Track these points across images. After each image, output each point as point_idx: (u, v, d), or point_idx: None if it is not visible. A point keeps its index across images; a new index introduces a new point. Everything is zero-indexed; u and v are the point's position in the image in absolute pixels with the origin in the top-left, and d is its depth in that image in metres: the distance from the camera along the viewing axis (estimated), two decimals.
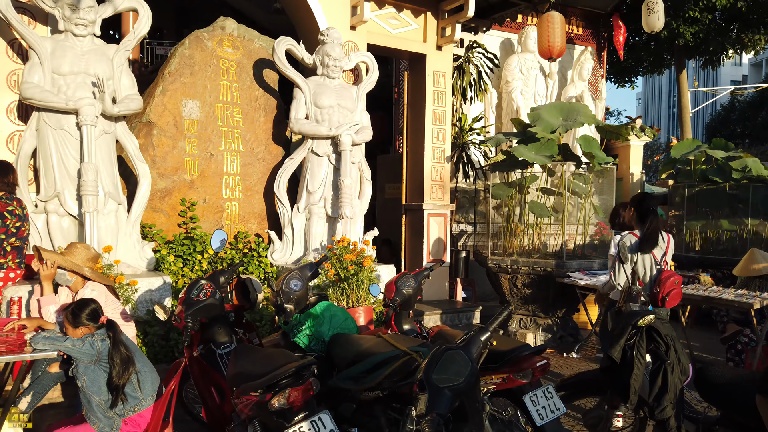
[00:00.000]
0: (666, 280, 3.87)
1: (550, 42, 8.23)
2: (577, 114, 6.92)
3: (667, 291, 3.85)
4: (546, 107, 7.15)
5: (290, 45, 6.00)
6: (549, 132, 6.66)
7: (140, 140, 5.64)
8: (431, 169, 7.38)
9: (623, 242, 3.79)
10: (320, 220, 5.95)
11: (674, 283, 3.88)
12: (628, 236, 4.07)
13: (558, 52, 8.34)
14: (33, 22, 5.11)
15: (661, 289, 3.87)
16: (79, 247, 3.81)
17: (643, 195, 4.14)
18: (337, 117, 5.96)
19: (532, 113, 6.99)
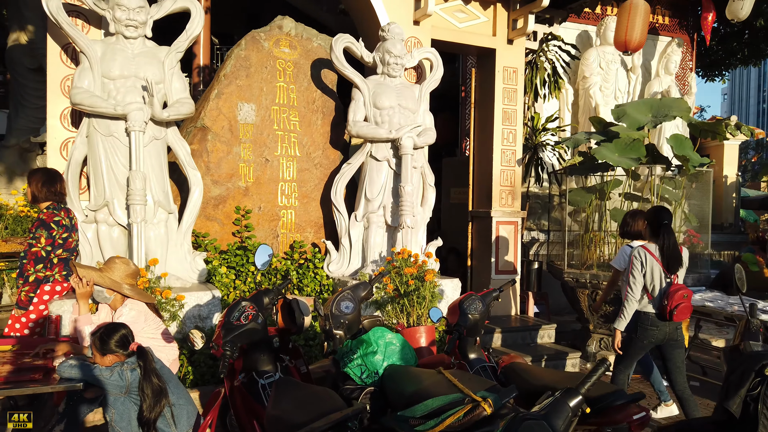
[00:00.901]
0: (674, 293, 3.87)
1: (627, 34, 7.45)
2: (668, 109, 6.17)
3: (675, 304, 3.87)
4: (632, 104, 6.44)
5: (349, 43, 5.63)
6: (635, 129, 5.96)
7: (194, 146, 5.43)
8: (500, 173, 6.82)
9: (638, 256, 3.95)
10: (379, 229, 5.54)
11: (683, 297, 3.87)
12: (639, 248, 4.03)
13: (635, 46, 7.54)
14: (87, 25, 4.98)
15: (669, 302, 3.88)
16: (118, 263, 3.57)
17: (657, 208, 4.08)
18: (398, 118, 5.53)
19: (617, 110, 6.30)
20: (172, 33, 4.98)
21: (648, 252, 3.99)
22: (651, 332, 4.00)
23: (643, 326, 4.03)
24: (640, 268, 4.00)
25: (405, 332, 4.82)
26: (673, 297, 3.89)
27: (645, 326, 4.02)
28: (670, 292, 3.91)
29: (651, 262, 3.99)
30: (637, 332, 4.06)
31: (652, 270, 3.99)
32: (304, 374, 3.35)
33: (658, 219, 4.00)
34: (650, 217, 4.08)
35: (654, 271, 3.99)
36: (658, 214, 4.02)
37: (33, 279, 3.93)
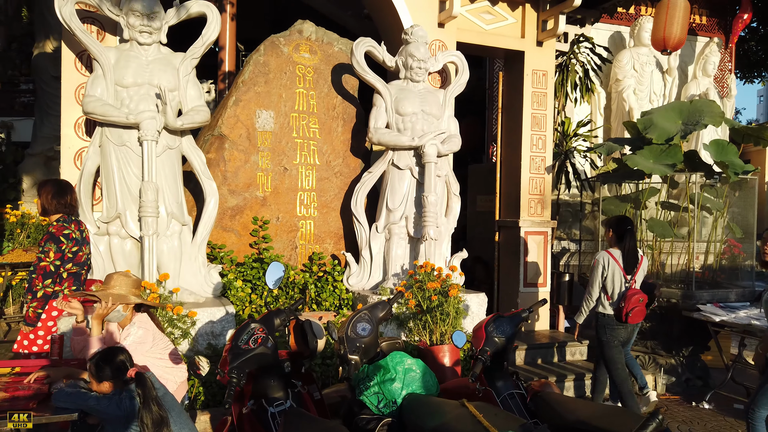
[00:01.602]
0: (631, 297, 4.23)
1: (666, 31, 7.06)
2: (699, 114, 5.78)
3: (631, 307, 4.22)
4: (660, 110, 6.07)
5: (370, 46, 5.42)
6: (664, 141, 5.60)
7: (211, 154, 5.28)
8: (529, 180, 6.51)
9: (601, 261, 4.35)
10: (401, 241, 5.30)
11: (638, 301, 4.22)
12: (605, 255, 4.39)
13: (675, 43, 7.14)
14: (102, 32, 4.87)
15: (626, 304, 4.23)
16: (116, 277, 3.38)
17: (620, 217, 4.49)
18: (421, 125, 5.29)
19: (643, 120, 5.94)
20: (191, 39, 4.85)
21: (611, 257, 4.36)
22: (618, 331, 4.38)
23: (610, 327, 4.38)
24: (601, 271, 4.37)
25: (428, 351, 4.57)
26: (630, 300, 4.23)
27: (612, 326, 4.38)
28: (628, 295, 4.24)
29: (613, 266, 4.35)
30: (606, 335, 4.40)
31: (613, 274, 4.34)
32: (317, 400, 3.13)
33: (623, 226, 4.36)
34: (614, 225, 4.43)
35: (615, 276, 4.34)
36: (622, 222, 4.40)
37: (41, 294, 3.80)
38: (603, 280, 4.37)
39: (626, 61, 8.18)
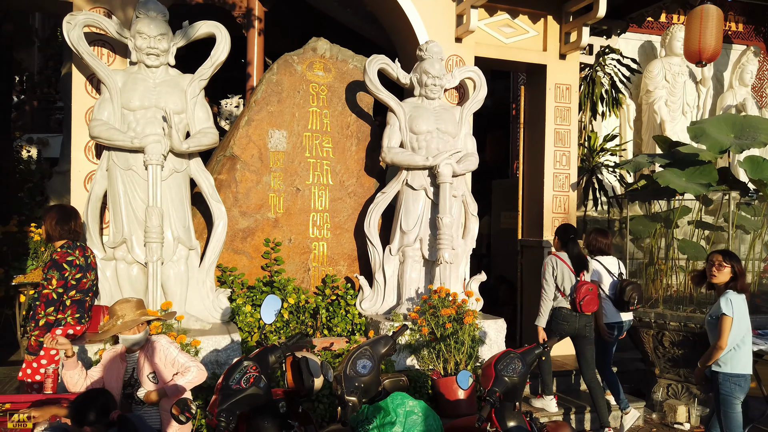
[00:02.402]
0: (581, 288, 4.73)
1: (702, 42, 6.72)
2: (754, 131, 5.45)
3: (582, 297, 4.69)
4: (712, 121, 5.74)
5: (384, 64, 5.28)
6: (717, 152, 5.29)
7: (223, 175, 5.20)
8: (552, 198, 6.25)
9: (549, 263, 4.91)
10: (416, 264, 5.11)
11: (588, 290, 4.70)
12: (552, 258, 4.96)
13: (711, 55, 6.79)
14: (113, 54, 4.86)
15: (577, 295, 4.72)
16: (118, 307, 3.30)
17: (565, 226, 5.14)
18: (436, 144, 5.11)
19: (694, 128, 5.63)
20: (194, 62, 4.81)
21: (559, 259, 4.91)
22: (562, 326, 4.82)
23: (556, 320, 4.85)
24: (552, 272, 4.87)
25: (441, 382, 4.37)
26: (580, 291, 4.72)
27: (558, 320, 4.84)
28: (577, 287, 4.74)
29: (561, 266, 4.87)
30: (552, 326, 4.86)
31: (562, 273, 4.85)
32: None
33: (567, 234, 4.97)
34: (560, 233, 5.03)
35: (564, 274, 4.85)
36: (567, 230, 5.01)
37: (43, 323, 3.74)
38: (555, 280, 4.87)
39: (657, 71, 7.87)
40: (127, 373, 3.34)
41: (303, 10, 10.44)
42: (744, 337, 3.73)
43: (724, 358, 3.73)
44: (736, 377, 3.71)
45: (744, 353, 3.74)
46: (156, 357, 3.27)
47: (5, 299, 6.28)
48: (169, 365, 3.27)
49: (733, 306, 3.67)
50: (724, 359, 3.74)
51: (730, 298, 3.69)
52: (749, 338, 3.78)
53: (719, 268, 3.77)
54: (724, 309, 3.67)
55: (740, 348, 3.72)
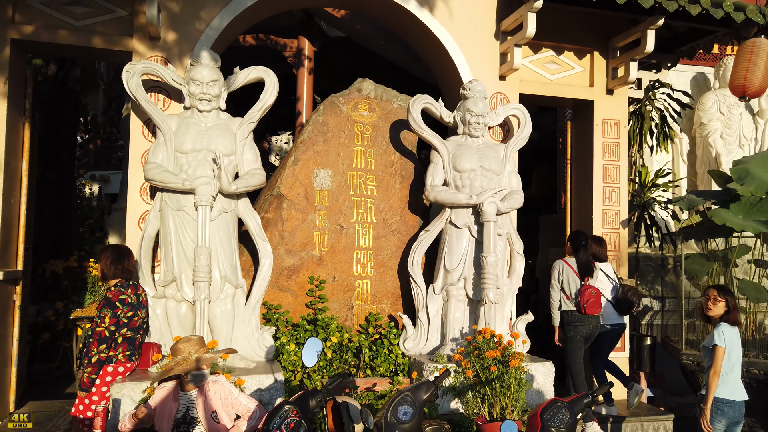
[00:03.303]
0: (584, 292, 5.16)
1: (747, 77, 6.44)
2: None
3: (585, 300, 5.12)
4: (756, 158, 5.51)
5: (427, 103, 5.33)
6: (763, 193, 5.06)
7: (270, 214, 5.32)
8: (602, 235, 6.08)
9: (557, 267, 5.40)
10: (460, 303, 5.04)
11: (591, 294, 5.13)
12: (560, 262, 5.41)
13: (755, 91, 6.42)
14: (168, 100, 5.10)
15: (581, 299, 5.15)
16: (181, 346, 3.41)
17: (576, 233, 5.57)
18: (480, 181, 5.09)
19: (737, 169, 5.42)
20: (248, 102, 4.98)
21: (566, 264, 5.36)
22: (579, 327, 5.20)
23: (572, 323, 5.24)
24: (557, 276, 5.35)
25: (486, 428, 4.25)
26: (583, 294, 5.14)
27: (573, 323, 5.23)
28: (582, 291, 5.18)
29: (567, 271, 5.33)
30: (569, 331, 5.25)
31: (568, 277, 5.31)
32: None
33: (578, 240, 5.37)
34: (572, 239, 5.47)
35: (570, 279, 5.30)
36: (578, 237, 5.43)
37: (96, 360, 3.88)
38: (560, 284, 5.31)
39: (711, 103, 7.64)
40: (179, 411, 3.40)
41: (351, 48, 10.72)
42: (733, 366, 4.02)
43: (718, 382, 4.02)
44: (718, 401, 3.98)
45: (730, 381, 4.01)
46: (217, 397, 3.37)
47: (63, 332, 6.55)
48: (229, 405, 3.39)
49: (725, 337, 3.97)
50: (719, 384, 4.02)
51: (723, 330, 3.99)
52: (738, 367, 4.07)
53: (714, 302, 4.06)
54: (717, 340, 3.97)
55: (728, 375, 4.00)
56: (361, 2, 6.11)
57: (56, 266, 7.18)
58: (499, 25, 5.88)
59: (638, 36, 5.73)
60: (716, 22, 5.39)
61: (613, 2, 5.14)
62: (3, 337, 4.82)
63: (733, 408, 3.99)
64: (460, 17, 5.82)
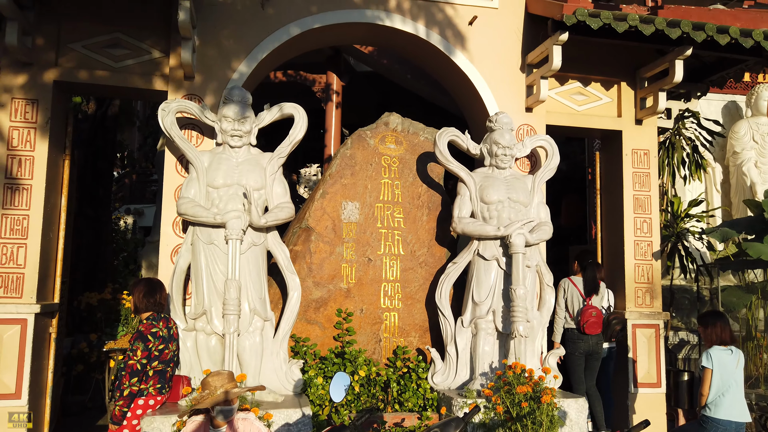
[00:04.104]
0: (585, 311, 5.49)
1: None
2: None
3: (585, 320, 5.45)
4: None
5: (453, 136, 5.37)
6: None
7: (298, 247, 5.38)
8: (634, 268, 5.97)
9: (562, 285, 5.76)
10: (489, 336, 4.98)
11: (591, 314, 5.45)
12: (566, 281, 5.80)
13: None
14: (201, 136, 5.25)
15: (581, 318, 5.48)
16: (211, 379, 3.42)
17: (584, 251, 6.11)
18: (507, 213, 5.07)
19: None
20: (280, 136, 5.10)
21: (572, 282, 5.74)
22: (578, 344, 5.55)
23: (572, 340, 5.57)
24: (562, 294, 5.71)
25: None
26: (584, 314, 5.48)
27: (573, 340, 5.57)
28: (583, 310, 5.50)
29: (572, 290, 5.70)
30: (569, 347, 5.51)
31: (572, 296, 5.68)
32: None
33: (585, 259, 5.79)
34: (579, 257, 5.91)
35: (574, 297, 5.67)
36: (585, 255, 5.91)
37: (127, 393, 3.92)
38: (564, 302, 5.65)
39: (744, 132, 7.51)
40: None
41: (378, 82, 10.89)
42: (730, 387, 4.18)
43: (710, 405, 4.23)
44: (715, 422, 4.19)
45: (728, 401, 4.18)
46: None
47: (96, 364, 6.66)
48: None
49: (713, 359, 4.23)
50: (710, 406, 4.23)
51: (710, 353, 4.27)
52: (735, 388, 4.21)
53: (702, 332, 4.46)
54: (704, 362, 4.27)
55: (724, 396, 4.18)
56: (387, 39, 6.24)
57: (91, 298, 7.35)
58: (524, 58, 5.92)
59: (666, 66, 5.70)
60: (746, 51, 5.33)
61: (639, 34, 5.15)
62: (38, 370, 4.93)
63: (731, 429, 4.15)
64: (486, 51, 5.89)
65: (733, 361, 4.25)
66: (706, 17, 5.48)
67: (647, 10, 5.73)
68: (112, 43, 5.19)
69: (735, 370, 4.22)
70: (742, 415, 4.17)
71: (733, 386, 4.19)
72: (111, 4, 5.15)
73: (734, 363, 4.24)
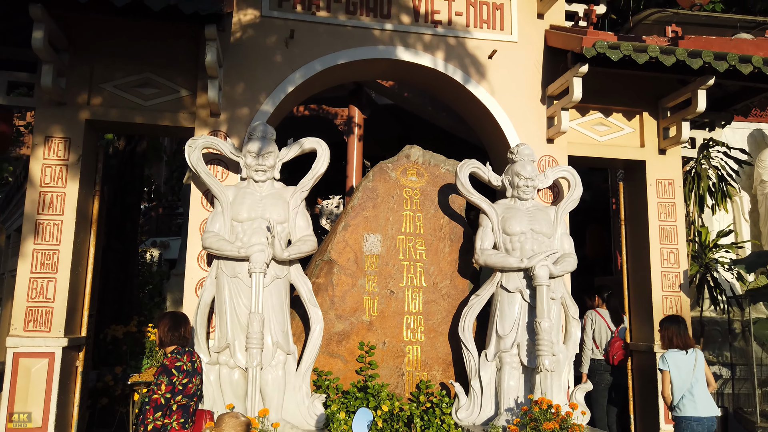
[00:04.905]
0: (614, 343, 5.89)
1: None
2: None
3: (615, 352, 5.84)
4: None
5: (475, 168, 5.39)
6: None
7: (321, 279, 5.40)
8: (662, 299, 5.85)
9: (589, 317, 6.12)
10: (513, 371, 4.90)
11: (621, 347, 5.85)
12: (592, 312, 6.09)
13: None
14: (226, 171, 5.35)
15: (611, 349, 5.87)
16: (227, 419, 3.43)
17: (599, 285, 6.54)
18: (531, 245, 5.03)
19: None
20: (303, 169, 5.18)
21: (598, 314, 6.05)
22: (604, 376, 5.86)
23: (598, 372, 5.83)
24: (590, 325, 5.97)
25: None
26: (613, 346, 5.83)
27: (600, 371, 5.83)
28: (612, 342, 5.86)
29: (599, 322, 5.99)
30: (595, 378, 5.72)
31: (600, 328, 5.95)
32: None
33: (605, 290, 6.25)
34: (598, 289, 6.32)
35: (602, 329, 5.95)
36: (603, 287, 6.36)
37: (151, 428, 3.92)
38: (592, 332, 5.85)
39: None
40: None
41: (399, 114, 11.03)
42: (692, 386, 4.49)
43: (679, 405, 4.52)
44: (687, 419, 4.48)
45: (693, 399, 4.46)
46: None
47: (121, 397, 6.69)
48: None
49: (668, 362, 4.58)
50: (679, 405, 4.52)
51: (665, 356, 4.62)
52: (698, 386, 4.50)
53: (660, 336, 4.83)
54: (660, 365, 4.64)
55: (690, 395, 4.48)
56: (408, 74, 6.34)
57: (117, 331, 7.43)
58: (545, 90, 5.96)
59: (689, 96, 5.68)
60: None
61: (660, 64, 5.15)
62: (64, 404, 4.97)
63: (702, 424, 4.41)
64: (506, 83, 5.94)
65: (689, 362, 4.56)
66: (728, 47, 5.46)
67: (668, 41, 5.73)
68: (142, 83, 5.37)
69: (693, 370, 4.52)
70: (708, 410, 4.45)
71: (696, 385, 4.48)
72: (142, 45, 5.35)
73: (691, 363, 4.55)
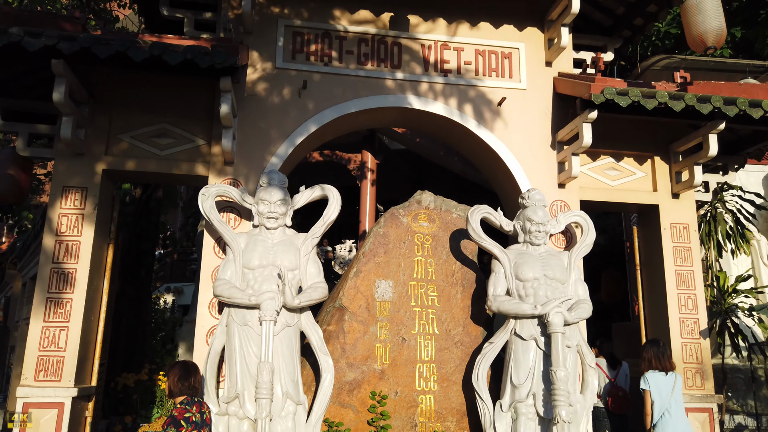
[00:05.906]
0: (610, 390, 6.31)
1: None
2: None
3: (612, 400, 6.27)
4: None
5: (486, 213, 5.39)
6: None
7: (332, 326, 5.35)
8: (681, 346, 5.70)
9: None
10: (530, 422, 4.75)
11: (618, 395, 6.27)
12: None
13: None
14: (239, 218, 5.40)
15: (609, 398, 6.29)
16: None
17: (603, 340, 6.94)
18: (544, 291, 4.96)
19: None
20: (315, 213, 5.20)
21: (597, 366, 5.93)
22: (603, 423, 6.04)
23: (598, 419, 5.98)
24: None
25: None
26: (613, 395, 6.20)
27: (598, 418, 6.00)
28: (609, 390, 6.17)
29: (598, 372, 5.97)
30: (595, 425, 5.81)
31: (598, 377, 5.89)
32: None
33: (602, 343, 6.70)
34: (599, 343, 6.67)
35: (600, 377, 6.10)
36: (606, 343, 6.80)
37: None
38: None
39: None
40: None
41: (412, 158, 11.14)
42: (671, 407, 4.66)
43: (658, 424, 4.69)
44: None
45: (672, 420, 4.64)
46: None
47: None
48: None
49: (649, 382, 4.75)
50: (658, 425, 4.69)
51: (647, 376, 4.80)
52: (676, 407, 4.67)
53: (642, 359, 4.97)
54: (642, 385, 4.79)
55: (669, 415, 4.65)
56: (420, 121, 6.43)
57: (128, 379, 7.37)
58: (555, 136, 6.00)
59: (700, 140, 5.68)
60: None
61: (669, 110, 5.17)
62: None
63: None
64: (516, 129, 6.00)
65: (668, 383, 4.73)
66: (737, 92, 5.48)
67: (676, 86, 5.77)
68: (159, 133, 5.50)
69: (672, 391, 4.68)
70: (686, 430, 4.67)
71: (674, 406, 4.65)
72: (159, 97, 5.51)
73: (670, 384, 4.72)
